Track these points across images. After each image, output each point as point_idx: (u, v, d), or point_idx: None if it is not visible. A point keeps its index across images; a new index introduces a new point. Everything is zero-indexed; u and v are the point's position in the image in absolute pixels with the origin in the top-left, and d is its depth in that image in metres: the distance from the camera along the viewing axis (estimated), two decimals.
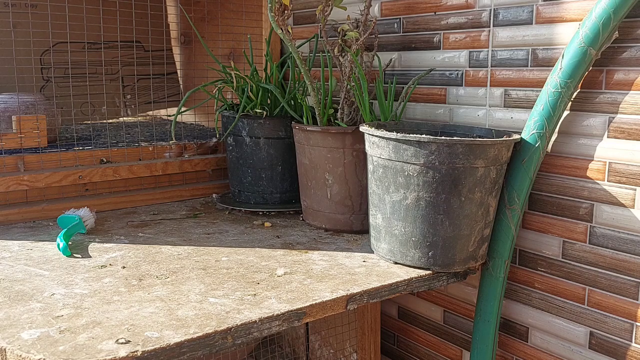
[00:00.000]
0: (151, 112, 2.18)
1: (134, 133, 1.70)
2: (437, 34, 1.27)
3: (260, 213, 1.39)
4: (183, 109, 1.42)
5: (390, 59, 1.36)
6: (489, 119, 1.19)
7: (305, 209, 1.31)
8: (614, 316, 1.04)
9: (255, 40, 1.63)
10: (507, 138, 1.02)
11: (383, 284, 0.97)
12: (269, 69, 1.44)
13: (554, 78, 1.02)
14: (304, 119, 1.29)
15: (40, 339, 0.75)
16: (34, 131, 1.36)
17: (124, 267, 1.01)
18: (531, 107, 1.11)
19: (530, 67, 1.11)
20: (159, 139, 1.60)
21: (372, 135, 1.05)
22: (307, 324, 1.46)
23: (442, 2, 1.25)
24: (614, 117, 1.00)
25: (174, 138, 1.41)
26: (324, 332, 1.43)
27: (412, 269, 1.04)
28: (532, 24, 1.10)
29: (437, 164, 0.98)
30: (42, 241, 1.15)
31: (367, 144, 1.09)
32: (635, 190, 0.99)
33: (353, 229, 1.24)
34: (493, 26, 1.16)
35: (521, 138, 1.06)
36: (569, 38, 1.04)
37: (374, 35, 1.30)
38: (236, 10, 1.79)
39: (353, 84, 1.22)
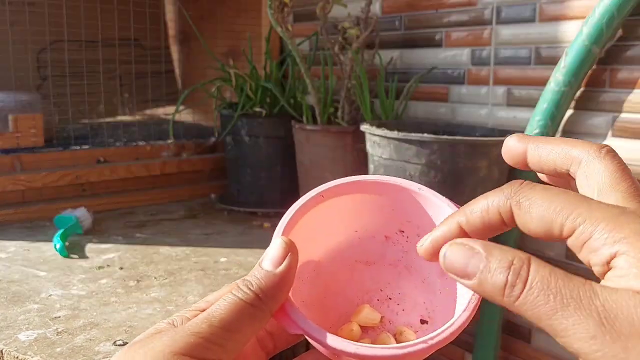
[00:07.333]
0: (149, 110, 2.17)
1: (132, 132, 1.69)
2: (439, 31, 1.25)
3: (259, 213, 1.38)
4: (181, 107, 1.40)
5: (392, 57, 1.35)
6: (491, 117, 1.18)
7: None
8: None
9: (255, 38, 1.61)
10: None
11: None
12: (269, 67, 1.43)
13: (557, 76, 1.01)
14: (304, 117, 1.28)
15: (37, 341, 0.73)
16: (30, 130, 1.35)
17: (121, 268, 1.00)
18: (534, 106, 1.09)
19: (533, 65, 1.10)
20: (157, 138, 1.58)
21: (373, 134, 1.04)
22: None
23: None
24: (618, 116, 0.99)
25: (172, 137, 1.40)
26: None
27: None
28: (535, 21, 1.09)
29: (439, 163, 0.97)
30: (39, 242, 1.13)
31: (368, 143, 1.07)
32: None
33: None
34: (496, 24, 1.15)
35: None
36: (573, 36, 1.03)
37: (375, 33, 1.29)
38: (235, 8, 1.77)
39: (354, 82, 1.21)
